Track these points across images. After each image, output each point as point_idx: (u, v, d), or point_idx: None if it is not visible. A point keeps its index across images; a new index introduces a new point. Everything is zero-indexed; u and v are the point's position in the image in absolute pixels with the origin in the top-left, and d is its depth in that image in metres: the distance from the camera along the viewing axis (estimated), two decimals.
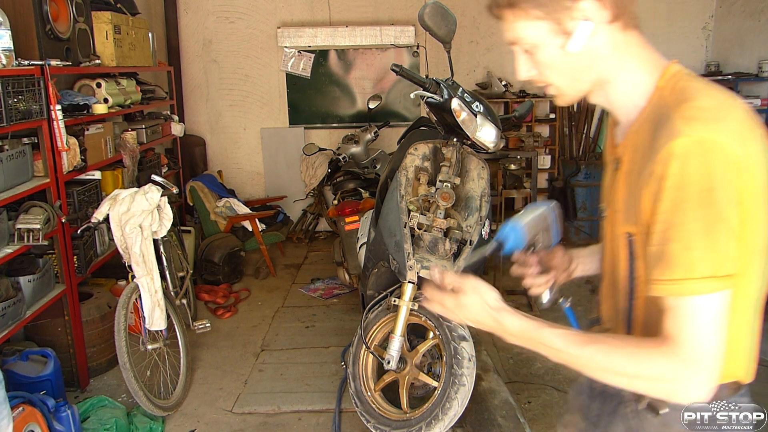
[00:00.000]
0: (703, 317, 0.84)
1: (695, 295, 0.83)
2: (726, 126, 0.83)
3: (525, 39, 0.96)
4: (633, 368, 0.88)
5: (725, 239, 0.82)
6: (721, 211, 0.81)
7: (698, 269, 0.82)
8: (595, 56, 0.93)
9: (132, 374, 2.62)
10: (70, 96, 3.19)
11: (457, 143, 2.46)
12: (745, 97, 4.79)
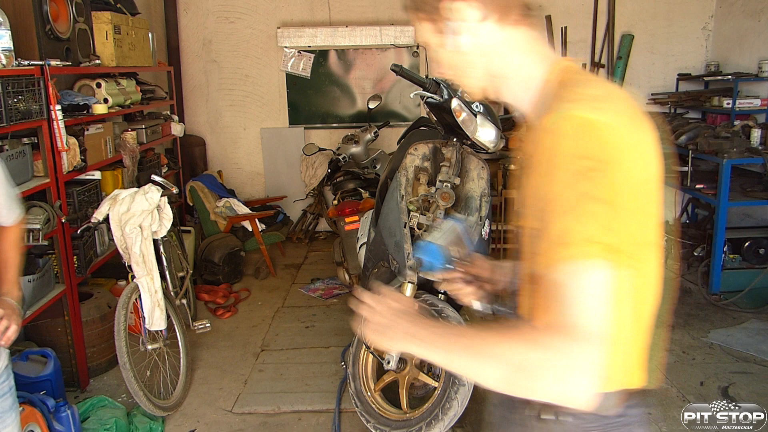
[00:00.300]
0: (584, 285, 0.76)
1: (572, 261, 0.76)
2: (607, 109, 0.82)
3: (423, 39, 0.99)
4: (510, 356, 0.78)
5: (602, 211, 0.77)
6: (596, 185, 0.78)
7: (574, 235, 0.76)
8: (481, 53, 0.95)
9: (132, 374, 2.62)
10: (70, 96, 3.19)
11: (457, 143, 2.46)
12: (745, 97, 4.79)
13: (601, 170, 0.79)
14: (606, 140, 0.80)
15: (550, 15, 5.50)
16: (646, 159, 0.86)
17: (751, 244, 4.32)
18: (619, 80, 5.56)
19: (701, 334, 3.65)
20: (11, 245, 1.73)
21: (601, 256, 0.76)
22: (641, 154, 0.85)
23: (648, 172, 0.86)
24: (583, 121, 0.80)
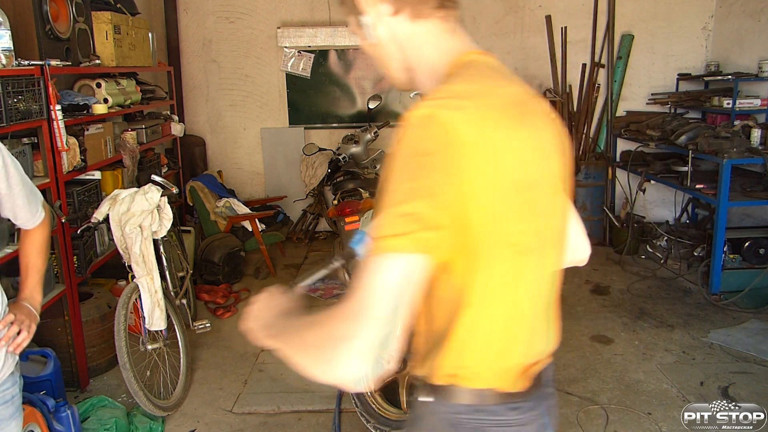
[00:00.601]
0: (378, 274, 0.76)
1: (378, 253, 0.77)
2: (462, 106, 0.81)
3: (352, 32, 1.03)
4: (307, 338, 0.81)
5: (413, 202, 0.77)
6: (424, 182, 0.78)
7: (386, 230, 0.77)
8: (396, 46, 0.96)
9: (132, 374, 2.62)
10: (70, 96, 3.19)
11: None
12: (745, 97, 4.79)
13: (432, 167, 0.78)
14: (445, 137, 0.79)
15: (550, 15, 5.50)
16: (513, 159, 0.84)
17: (751, 244, 4.32)
18: (619, 80, 5.56)
19: (701, 334, 3.65)
20: (33, 248, 1.66)
21: (398, 248, 0.76)
22: (504, 154, 0.83)
23: (518, 173, 0.84)
24: (425, 116, 0.80)
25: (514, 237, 0.86)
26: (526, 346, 0.95)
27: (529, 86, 0.97)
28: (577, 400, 2.96)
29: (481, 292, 0.87)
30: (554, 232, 0.95)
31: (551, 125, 0.94)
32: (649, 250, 5.13)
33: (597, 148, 5.71)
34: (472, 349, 0.90)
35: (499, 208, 0.83)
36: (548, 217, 0.92)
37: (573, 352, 3.47)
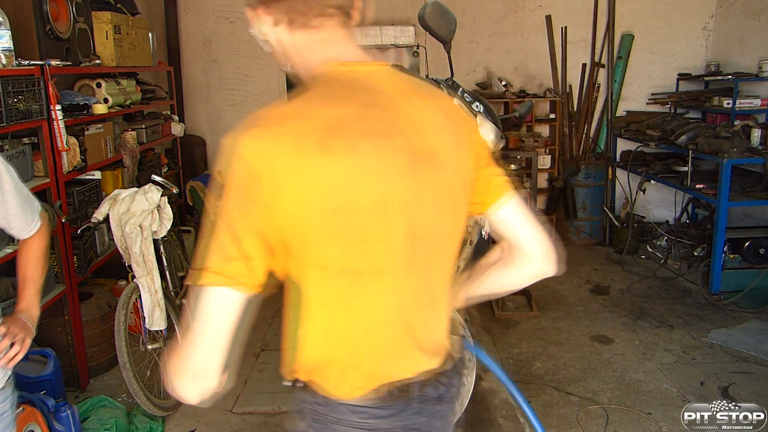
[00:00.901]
0: (200, 305, 0.85)
1: (196, 284, 0.85)
2: (258, 136, 0.86)
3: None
4: None
5: (224, 239, 0.84)
6: (228, 212, 0.84)
7: (199, 262, 0.85)
8: (283, 53, 1.01)
9: (132, 374, 2.62)
10: (70, 96, 3.19)
11: None
12: (745, 97, 4.80)
13: (235, 201, 0.84)
14: (240, 166, 0.84)
15: (550, 15, 5.50)
16: (319, 185, 0.84)
17: (751, 244, 4.32)
18: (619, 80, 5.56)
19: (701, 334, 3.65)
20: (29, 259, 1.59)
21: (214, 282, 0.84)
22: (306, 181, 0.83)
23: (327, 198, 0.85)
24: (229, 147, 0.86)
25: (326, 260, 0.88)
26: (378, 364, 0.98)
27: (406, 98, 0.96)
28: (577, 400, 2.96)
29: (310, 310, 0.92)
30: (396, 254, 0.92)
31: (406, 145, 0.91)
32: (649, 250, 5.13)
33: (597, 148, 5.71)
34: (315, 360, 0.96)
35: (304, 233, 0.86)
36: (379, 239, 0.90)
37: (573, 352, 3.47)
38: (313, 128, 0.86)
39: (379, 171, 0.88)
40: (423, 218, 0.94)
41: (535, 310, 4.00)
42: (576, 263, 5.00)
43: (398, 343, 0.98)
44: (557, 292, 4.37)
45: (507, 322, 3.88)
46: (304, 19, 0.95)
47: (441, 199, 0.97)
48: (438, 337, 1.05)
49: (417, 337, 1.00)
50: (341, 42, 0.97)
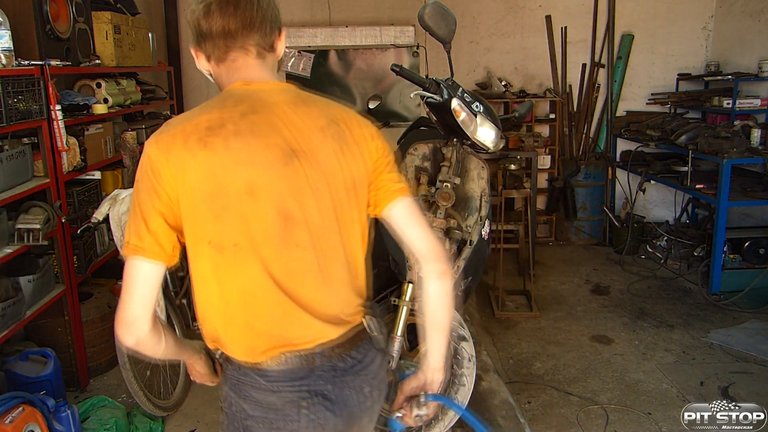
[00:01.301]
0: (126, 272, 1.10)
1: (124, 256, 1.11)
2: (159, 138, 1.11)
3: None
4: None
5: (137, 219, 1.08)
6: (139, 198, 1.09)
7: (125, 238, 1.10)
8: (216, 80, 1.25)
9: (132, 374, 2.62)
10: (70, 96, 3.19)
11: (457, 143, 2.46)
12: (745, 97, 4.79)
13: (142, 189, 1.09)
14: (148, 164, 1.09)
15: (550, 15, 5.50)
16: (198, 174, 1.07)
17: (751, 244, 4.32)
18: (619, 80, 5.56)
19: (701, 334, 3.65)
20: None
21: (132, 254, 1.08)
22: (188, 171, 1.07)
23: (205, 185, 1.07)
24: (145, 149, 1.11)
25: (211, 236, 1.10)
26: (269, 328, 1.15)
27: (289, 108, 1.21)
28: (577, 400, 2.96)
29: (204, 281, 1.14)
30: (268, 231, 1.11)
31: (280, 142, 1.13)
32: (649, 250, 5.13)
33: (597, 148, 5.71)
34: (216, 327, 1.17)
35: (194, 214, 1.09)
36: (253, 218, 1.10)
37: (573, 352, 3.47)
38: (197, 129, 1.09)
39: (248, 162, 1.09)
40: (298, 203, 1.13)
41: (535, 310, 4.00)
42: (576, 263, 5.00)
43: (284, 309, 1.14)
44: (557, 292, 4.37)
45: (507, 322, 3.88)
46: (224, 55, 1.19)
47: (320, 189, 1.15)
48: (336, 309, 1.20)
49: (307, 306, 1.16)
50: (252, 69, 1.20)
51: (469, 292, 2.60)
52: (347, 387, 1.23)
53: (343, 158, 1.18)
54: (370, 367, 1.28)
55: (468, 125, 2.31)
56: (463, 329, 2.27)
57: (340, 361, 1.21)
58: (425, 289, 1.31)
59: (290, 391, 1.16)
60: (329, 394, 1.19)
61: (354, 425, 1.29)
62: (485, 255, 2.53)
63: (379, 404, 1.36)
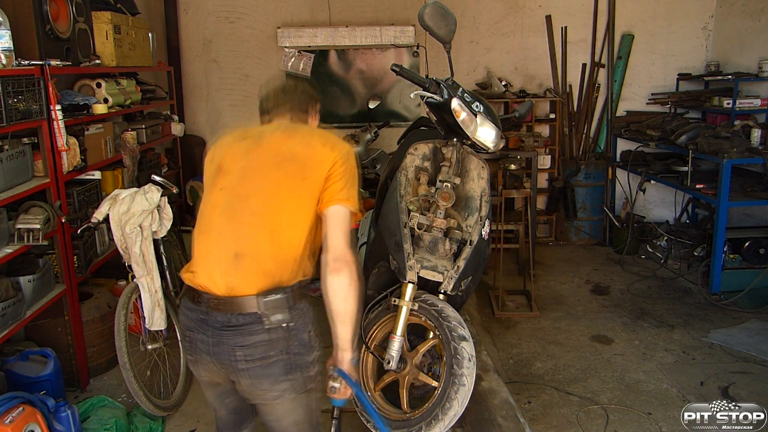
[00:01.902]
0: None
1: None
2: (219, 136, 1.92)
3: None
4: None
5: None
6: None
7: None
8: None
9: (132, 374, 2.62)
10: (70, 96, 3.19)
11: (457, 143, 2.46)
12: (745, 97, 4.79)
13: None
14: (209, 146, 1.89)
15: (551, 15, 5.50)
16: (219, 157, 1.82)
17: (751, 244, 4.32)
18: (619, 80, 5.56)
19: (701, 334, 3.65)
20: None
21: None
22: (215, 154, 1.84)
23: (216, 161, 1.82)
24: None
25: (204, 192, 1.74)
26: (206, 271, 1.61)
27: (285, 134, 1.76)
28: (577, 400, 2.96)
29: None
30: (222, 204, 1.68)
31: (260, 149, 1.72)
32: (649, 250, 5.13)
33: (597, 148, 5.71)
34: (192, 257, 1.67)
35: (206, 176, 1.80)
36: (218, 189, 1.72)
37: (573, 352, 3.47)
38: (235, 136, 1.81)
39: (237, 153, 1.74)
40: (253, 187, 1.65)
41: (535, 310, 4.00)
42: (576, 263, 5.00)
43: (215, 262, 1.59)
44: (557, 292, 4.37)
45: (507, 322, 3.88)
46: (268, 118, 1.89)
47: (279, 182, 1.63)
48: (234, 281, 1.56)
49: (221, 267, 1.58)
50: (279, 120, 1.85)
51: (469, 292, 2.60)
52: (222, 341, 1.57)
53: (302, 169, 1.63)
54: (250, 337, 1.55)
55: (468, 125, 2.31)
56: (463, 329, 2.27)
57: (222, 316, 1.56)
58: (323, 281, 1.56)
59: (186, 315, 1.64)
60: (206, 337, 1.58)
61: (233, 376, 1.60)
62: (485, 255, 2.53)
63: (265, 375, 1.57)
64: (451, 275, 2.33)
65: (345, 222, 1.59)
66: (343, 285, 1.53)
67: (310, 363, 1.63)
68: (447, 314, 2.29)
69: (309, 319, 1.64)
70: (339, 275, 1.53)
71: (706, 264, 4.39)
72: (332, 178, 1.62)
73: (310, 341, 1.63)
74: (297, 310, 1.59)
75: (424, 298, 2.36)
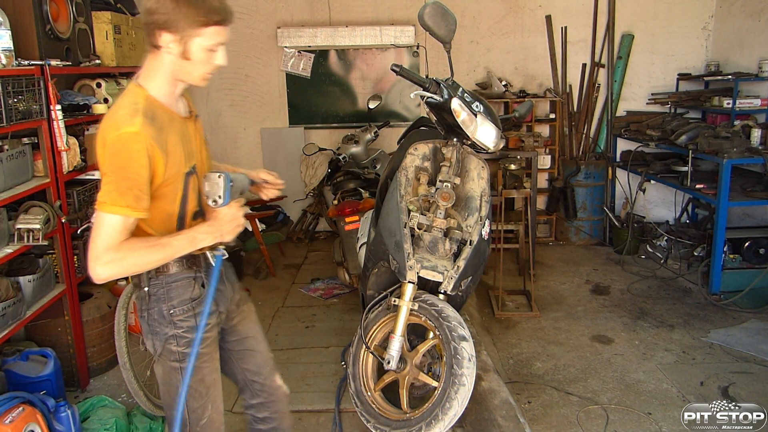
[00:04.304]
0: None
1: None
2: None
3: None
4: None
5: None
6: None
7: None
8: None
9: (132, 374, 2.62)
10: (70, 96, 3.19)
11: (457, 143, 2.46)
12: (745, 97, 4.79)
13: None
14: None
15: (550, 15, 5.50)
16: None
17: (751, 244, 4.32)
18: (619, 80, 5.56)
19: (701, 334, 3.65)
20: None
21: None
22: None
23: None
24: None
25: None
26: None
27: None
28: (577, 400, 2.96)
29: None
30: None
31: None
32: (649, 250, 5.13)
33: (597, 148, 5.71)
34: None
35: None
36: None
37: (573, 352, 3.47)
38: None
39: None
40: None
41: (535, 310, 4.00)
42: (576, 263, 5.00)
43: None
44: (557, 292, 4.37)
45: (507, 322, 3.88)
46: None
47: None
48: None
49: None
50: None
51: (469, 292, 2.60)
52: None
53: None
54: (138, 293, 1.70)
55: (468, 125, 2.31)
56: (463, 329, 2.27)
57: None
58: None
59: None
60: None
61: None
62: (485, 255, 2.53)
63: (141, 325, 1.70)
64: (451, 275, 2.33)
65: (98, 225, 1.45)
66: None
67: (167, 336, 1.65)
68: (447, 314, 2.29)
69: (174, 296, 1.64)
70: (90, 267, 1.47)
71: (706, 264, 4.39)
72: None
73: (170, 316, 1.64)
74: (158, 282, 1.63)
75: (424, 298, 2.36)
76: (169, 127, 1.54)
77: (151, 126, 1.46)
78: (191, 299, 1.66)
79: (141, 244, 1.48)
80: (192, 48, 1.50)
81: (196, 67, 1.55)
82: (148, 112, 1.48)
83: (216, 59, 1.56)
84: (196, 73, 1.57)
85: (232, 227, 1.61)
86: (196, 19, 1.47)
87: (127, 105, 1.48)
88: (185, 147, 1.58)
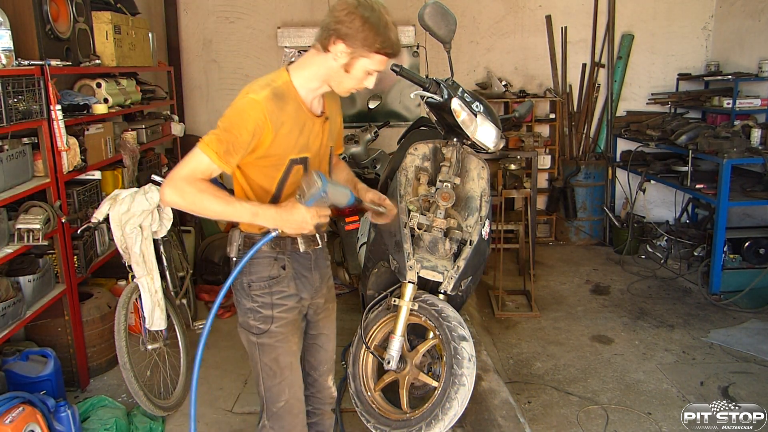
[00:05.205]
0: None
1: None
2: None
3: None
4: None
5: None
6: None
7: None
8: None
9: (132, 374, 2.62)
10: (70, 96, 3.19)
11: (457, 143, 2.46)
12: (745, 97, 4.80)
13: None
14: None
15: (551, 15, 5.50)
16: None
17: (751, 244, 4.32)
18: (619, 80, 5.56)
19: (701, 334, 3.65)
20: None
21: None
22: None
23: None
24: None
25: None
26: None
27: None
28: (577, 400, 2.96)
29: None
30: None
31: None
32: (649, 250, 5.13)
33: (597, 148, 5.71)
34: None
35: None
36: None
37: (573, 352, 3.47)
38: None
39: None
40: None
41: (535, 310, 4.00)
42: (576, 263, 5.00)
43: None
44: (557, 292, 4.37)
45: (507, 322, 3.88)
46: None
47: None
48: None
49: None
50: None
51: (469, 292, 2.60)
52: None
53: None
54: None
55: (468, 125, 2.31)
56: (463, 329, 2.27)
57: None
58: None
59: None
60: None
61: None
62: (485, 255, 2.53)
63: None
64: (451, 275, 2.33)
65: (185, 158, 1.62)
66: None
67: (246, 308, 1.79)
68: (447, 314, 2.29)
69: (255, 271, 1.76)
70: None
71: (706, 264, 4.39)
72: None
73: (248, 289, 1.77)
74: (243, 251, 1.75)
75: (424, 298, 2.36)
76: (294, 114, 1.68)
77: (273, 102, 1.64)
78: (269, 277, 1.77)
79: (211, 191, 1.56)
80: (356, 65, 1.63)
81: (350, 81, 1.68)
82: (278, 92, 1.67)
83: (367, 82, 1.69)
84: (346, 85, 1.70)
85: (296, 226, 1.64)
86: (373, 44, 1.59)
87: (267, 79, 1.71)
88: (301, 137, 1.70)
